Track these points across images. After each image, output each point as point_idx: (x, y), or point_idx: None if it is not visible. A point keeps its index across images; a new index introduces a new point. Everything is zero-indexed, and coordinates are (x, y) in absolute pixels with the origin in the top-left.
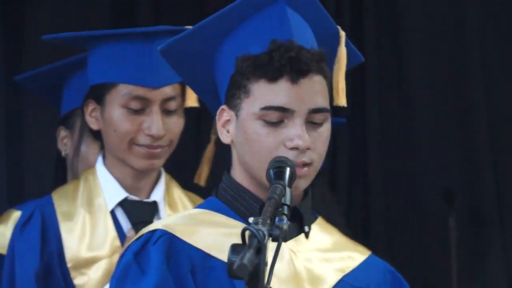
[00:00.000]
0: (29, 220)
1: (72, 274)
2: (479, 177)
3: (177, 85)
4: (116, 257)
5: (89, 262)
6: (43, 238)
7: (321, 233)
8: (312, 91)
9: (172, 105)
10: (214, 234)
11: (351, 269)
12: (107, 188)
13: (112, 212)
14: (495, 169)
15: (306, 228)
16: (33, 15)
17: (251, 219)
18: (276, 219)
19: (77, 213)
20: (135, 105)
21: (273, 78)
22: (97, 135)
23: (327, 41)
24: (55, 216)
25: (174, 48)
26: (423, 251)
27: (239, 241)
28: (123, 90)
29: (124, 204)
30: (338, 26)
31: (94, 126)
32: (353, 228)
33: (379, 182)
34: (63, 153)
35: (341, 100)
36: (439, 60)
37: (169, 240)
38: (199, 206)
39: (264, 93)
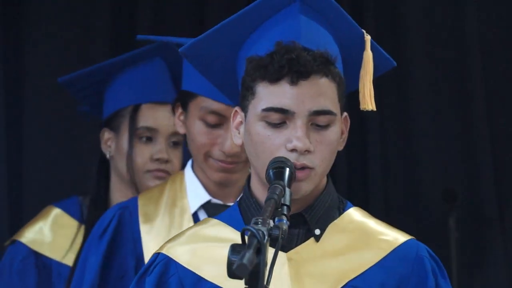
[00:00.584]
0: (106, 228)
1: None
2: (479, 177)
3: None
4: None
5: None
6: (115, 247)
7: (342, 231)
8: (313, 93)
9: None
10: (214, 254)
11: (364, 269)
12: (192, 191)
13: (196, 215)
14: (495, 169)
15: (317, 231)
16: (33, 15)
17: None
18: (276, 219)
19: (159, 215)
20: (211, 119)
21: (273, 79)
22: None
23: (352, 46)
24: (137, 218)
25: (195, 50)
26: None
27: None
28: (202, 103)
29: (207, 207)
30: (363, 30)
31: (180, 130)
32: None
33: (379, 182)
34: (108, 155)
35: (368, 105)
36: (439, 60)
37: (164, 267)
38: (222, 214)
39: (266, 95)
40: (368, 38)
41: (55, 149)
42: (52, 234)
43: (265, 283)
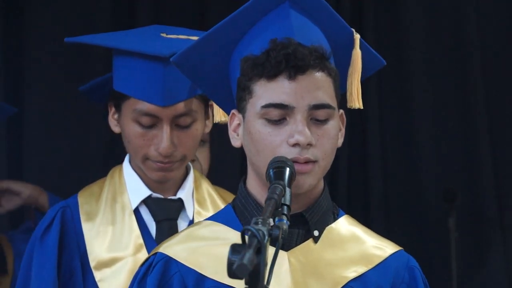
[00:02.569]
0: (48, 227)
1: (95, 273)
2: (479, 177)
3: (193, 100)
4: (139, 256)
5: (112, 262)
6: (61, 246)
7: (339, 235)
8: (312, 87)
9: (185, 120)
10: (212, 251)
11: (361, 272)
12: (131, 186)
13: (137, 211)
14: (495, 169)
15: (316, 233)
16: (33, 14)
17: None
18: (276, 219)
19: (100, 212)
20: (145, 121)
21: (270, 76)
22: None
23: (342, 45)
24: (78, 217)
25: (187, 58)
26: (423, 251)
27: None
28: (135, 105)
29: (148, 202)
30: (353, 29)
31: (115, 129)
32: None
33: (379, 182)
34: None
35: (356, 103)
36: (439, 61)
37: (164, 266)
38: (215, 215)
39: (264, 92)
40: (357, 36)
41: (55, 146)
42: None
43: (265, 283)
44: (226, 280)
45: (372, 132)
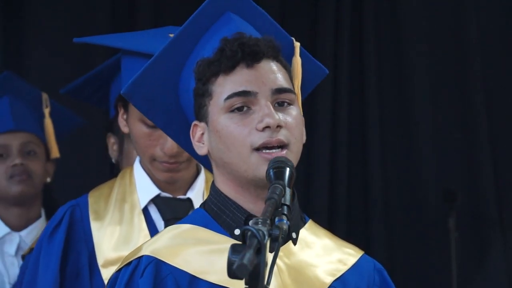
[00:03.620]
0: (57, 227)
1: (102, 271)
2: (479, 177)
3: None
4: None
5: (120, 260)
6: (68, 246)
7: (311, 238)
8: (270, 73)
9: None
10: (200, 253)
11: (341, 273)
12: (141, 186)
13: (146, 210)
14: (495, 169)
15: (294, 235)
16: (33, 14)
17: (236, 231)
18: (276, 219)
19: (109, 211)
20: (150, 121)
21: (228, 68)
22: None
23: (283, 55)
24: (88, 216)
25: (136, 87)
26: (423, 251)
27: (225, 258)
28: None
29: (156, 201)
30: (292, 38)
31: (124, 129)
32: (353, 228)
33: (379, 182)
34: (113, 160)
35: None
36: (439, 61)
37: (155, 268)
38: (187, 219)
39: (225, 86)
40: (297, 44)
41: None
42: None
43: (265, 283)
44: (219, 281)
45: (372, 132)
